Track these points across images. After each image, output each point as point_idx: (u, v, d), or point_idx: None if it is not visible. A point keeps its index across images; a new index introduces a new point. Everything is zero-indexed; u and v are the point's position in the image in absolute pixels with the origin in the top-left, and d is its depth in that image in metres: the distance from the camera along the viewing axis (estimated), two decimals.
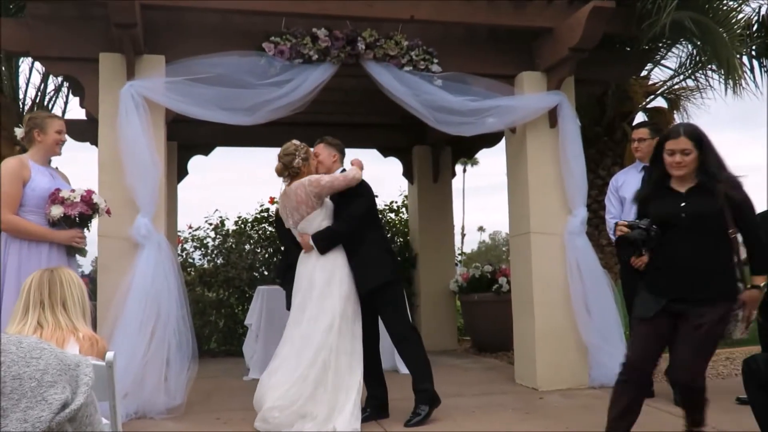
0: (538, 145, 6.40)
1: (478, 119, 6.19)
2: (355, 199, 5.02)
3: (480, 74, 6.26)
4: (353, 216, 4.98)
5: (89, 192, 4.58)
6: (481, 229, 76.05)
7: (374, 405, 5.17)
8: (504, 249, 73.20)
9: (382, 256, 5.05)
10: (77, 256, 4.84)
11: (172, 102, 5.64)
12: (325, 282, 4.90)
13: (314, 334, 4.77)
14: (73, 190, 4.58)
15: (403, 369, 6.56)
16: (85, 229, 4.67)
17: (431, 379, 5.09)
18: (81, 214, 4.54)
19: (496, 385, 6.51)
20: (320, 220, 4.99)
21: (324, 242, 4.96)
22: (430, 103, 6.04)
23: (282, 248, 7.54)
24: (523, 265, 6.46)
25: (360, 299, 5.00)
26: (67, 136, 4.92)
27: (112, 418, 2.32)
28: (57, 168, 5.62)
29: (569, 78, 6.34)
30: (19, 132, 4.75)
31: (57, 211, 4.49)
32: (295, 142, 5.21)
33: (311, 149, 5.23)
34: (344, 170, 5.19)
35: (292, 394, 4.68)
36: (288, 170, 5.08)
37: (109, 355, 2.35)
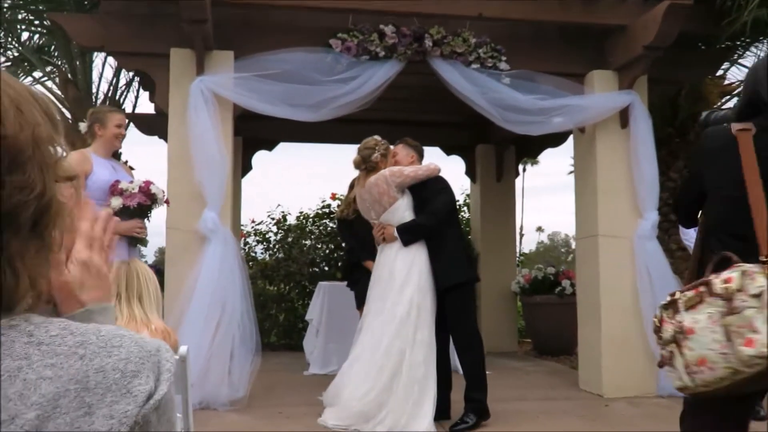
0: (608, 146, 6.24)
1: (547, 118, 6.08)
2: (437, 194, 5.03)
3: (549, 72, 6.13)
4: (438, 211, 4.99)
5: (147, 183, 4.64)
6: (539, 229, 75.08)
7: (437, 405, 5.12)
8: (563, 250, 72.26)
9: (460, 255, 5.06)
10: (139, 247, 4.92)
11: (240, 98, 5.69)
12: (406, 273, 4.93)
13: (392, 325, 4.81)
14: (131, 182, 4.65)
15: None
16: (146, 220, 4.73)
17: (485, 391, 5.01)
18: (140, 205, 4.59)
19: (559, 390, 6.38)
20: (403, 210, 5.05)
21: (408, 235, 4.99)
22: (498, 101, 5.95)
23: (345, 248, 7.54)
24: (590, 269, 6.31)
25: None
26: (127, 130, 4.99)
27: (185, 412, 2.33)
28: (127, 162, 5.74)
29: (642, 77, 6.16)
30: (82, 126, 4.84)
31: (116, 202, 4.56)
32: (377, 137, 5.29)
33: (391, 147, 5.26)
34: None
35: (370, 383, 4.73)
36: (366, 164, 5.20)
37: (183, 349, 2.36)
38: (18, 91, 0.83)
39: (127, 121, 5.28)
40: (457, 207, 5.45)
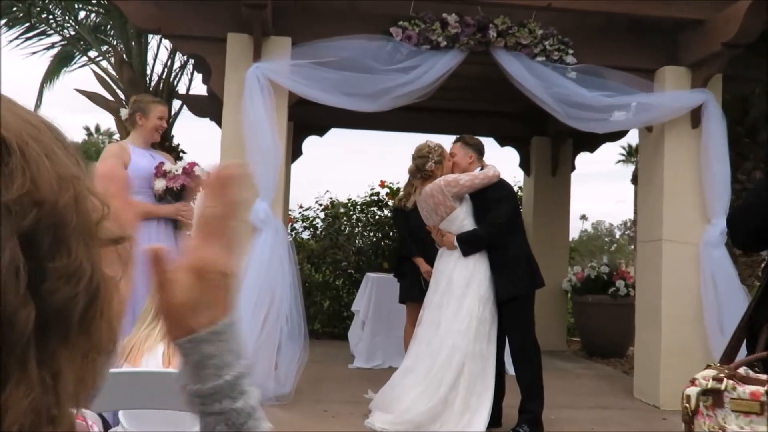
0: (677, 146, 5.96)
1: (613, 116, 5.82)
2: (498, 202, 4.85)
3: (617, 68, 5.87)
4: (499, 223, 4.82)
5: (191, 164, 4.52)
6: (583, 217, 74.02)
7: None
8: (606, 239, 71.28)
9: (520, 266, 4.85)
10: (185, 231, 4.82)
11: (296, 85, 5.55)
12: (465, 283, 4.79)
13: (450, 336, 4.68)
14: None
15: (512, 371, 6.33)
16: (192, 203, 4.61)
17: (541, 402, 4.84)
18: (183, 187, 4.48)
19: (612, 398, 6.17)
20: (462, 218, 4.88)
21: (467, 246, 4.83)
22: (563, 97, 5.71)
23: (398, 238, 7.39)
24: (651, 274, 6.06)
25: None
26: (180, 112, 4.87)
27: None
28: (179, 145, 5.61)
29: (717, 75, 5.85)
30: (123, 113, 4.73)
31: (160, 184, 4.45)
32: (430, 143, 5.15)
33: (446, 150, 5.09)
34: (482, 169, 5.00)
35: (427, 396, 4.60)
36: (420, 173, 5.13)
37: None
38: (37, 127, 0.58)
39: (172, 109, 5.14)
40: (520, 211, 5.22)
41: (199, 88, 8.13)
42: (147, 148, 4.66)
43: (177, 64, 7.82)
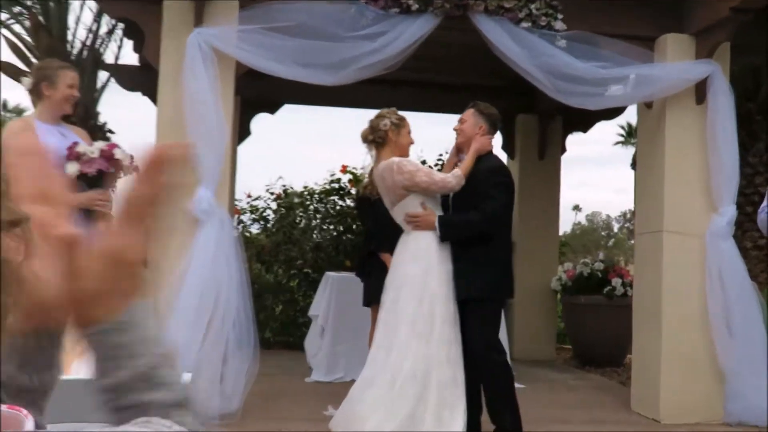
0: (679, 125, 6.13)
1: (608, 90, 5.97)
2: (495, 189, 4.87)
3: (613, 35, 6.00)
4: (496, 214, 4.87)
5: (111, 146, 4.47)
6: (576, 208, 74.92)
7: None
8: (603, 233, 72.26)
9: (491, 265, 4.90)
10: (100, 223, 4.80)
11: (245, 54, 5.60)
12: (420, 279, 4.84)
13: (412, 341, 4.72)
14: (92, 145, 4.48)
15: None
16: (111, 191, 4.58)
17: (513, 418, 4.86)
18: (100, 172, 4.43)
19: (608, 412, 6.34)
20: (416, 204, 4.93)
21: (450, 230, 4.89)
22: (551, 68, 5.84)
23: (363, 231, 7.47)
24: (650, 269, 6.24)
25: None
26: (107, 84, 4.85)
27: None
28: (105, 124, 5.60)
29: (724, 44, 6.03)
30: (26, 82, 4.63)
31: (72, 168, 4.36)
32: (393, 109, 5.17)
33: (407, 121, 5.13)
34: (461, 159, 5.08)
35: (393, 413, 4.63)
36: (374, 134, 5.05)
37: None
38: None
39: (98, 81, 5.12)
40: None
41: (129, 58, 8.10)
42: (56, 123, 4.56)
43: (104, 29, 7.80)
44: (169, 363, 0.88)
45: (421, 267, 4.85)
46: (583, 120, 9.16)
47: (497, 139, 9.64)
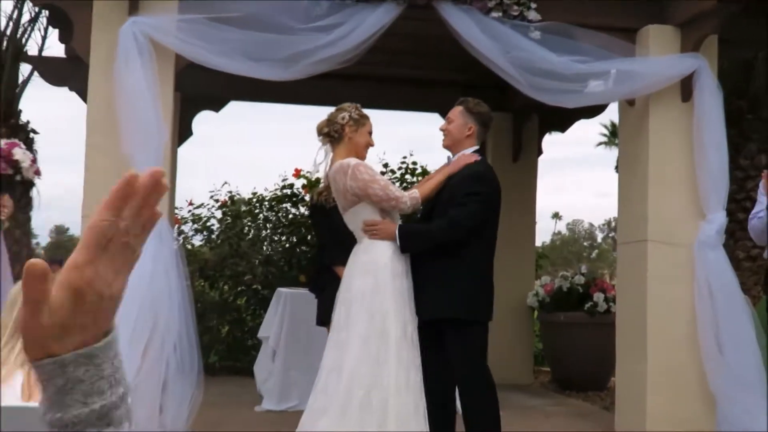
0: (664, 125, 6.28)
1: (586, 86, 6.10)
2: (468, 196, 4.89)
3: (591, 27, 6.13)
4: (458, 225, 4.87)
5: (10, 145, 4.50)
6: (556, 216, 75.72)
7: None
8: (585, 244, 73.03)
9: (468, 281, 4.93)
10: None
11: (186, 47, 5.64)
12: (371, 295, 4.81)
13: (364, 365, 4.72)
14: None
15: None
16: (8, 195, 4.57)
17: None
18: None
19: None
20: (367, 215, 4.93)
21: (412, 240, 4.93)
22: (524, 62, 5.95)
23: (317, 242, 7.51)
24: (634, 282, 6.37)
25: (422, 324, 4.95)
26: (30, 78, 4.86)
27: None
28: (28, 122, 5.62)
29: (711, 36, 6.19)
30: None
31: None
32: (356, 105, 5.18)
33: (369, 119, 5.16)
34: (448, 162, 5.15)
35: None
36: (329, 127, 5.03)
37: None
38: None
39: (20, 75, 5.14)
40: (495, 211, 5.17)
41: (55, 49, 8.07)
42: None
43: (26, 18, 7.78)
44: (125, 404, 0.92)
45: (371, 281, 4.83)
46: (561, 119, 9.31)
47: None
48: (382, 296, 4.82)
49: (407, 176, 10.36)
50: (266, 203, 10.34)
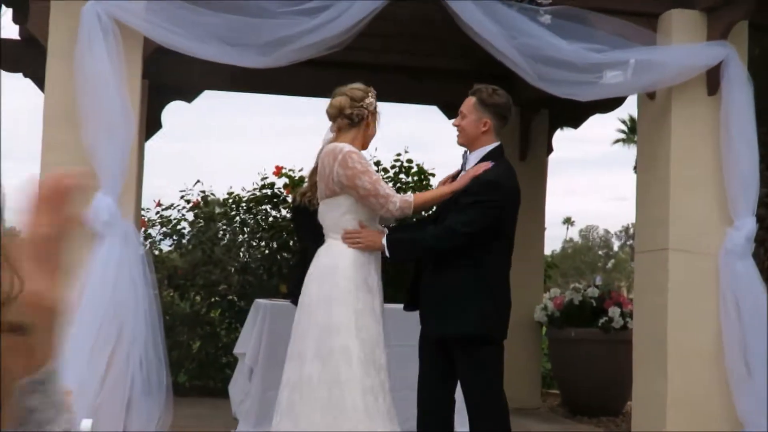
0: (687, 120, 6.31)
1: (602, 77, 6.12)
2: (470, 206, 4.82)
3: (608, 11, 6.17)
4: (451, 232, 4.81)
5: None
6: (568, 221, 75.89)
7: None
8: (600, 253, 73.08)
9: (491, 298, 4.92)
10: None
11: (155, 30, 5.65)
12: (325, 306, 4.75)
13: (320, 389, 4.63)
14: None
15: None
16: None
17: None
18: None
19: None
20: (342, 212, 4.86)
21: (400, 251, 4.92)
22: (532, 50, 5.98)
23: (299, 247, 7.52)
24: (654, 295, 6.39)
25: (430, 340, 5.00)
26: None
27: None
28: None
29: (741, 23, 6.23)
30: None
31: None
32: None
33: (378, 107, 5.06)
34: (462, 169, 5.09)
35: None
36: (353, 109, 4.90)
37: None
38: None
39: None
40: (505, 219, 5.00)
41: (8, 31, 8.07)
42: None
43: None
44: (72, 429, 0.95)
45: (326, 289, 4.78)
46: (574, 113, 9.33)
47: None
48: (339, 308, 4.72)
49: (401, 175, 10.35)
50: (243, 204, 10.32)
